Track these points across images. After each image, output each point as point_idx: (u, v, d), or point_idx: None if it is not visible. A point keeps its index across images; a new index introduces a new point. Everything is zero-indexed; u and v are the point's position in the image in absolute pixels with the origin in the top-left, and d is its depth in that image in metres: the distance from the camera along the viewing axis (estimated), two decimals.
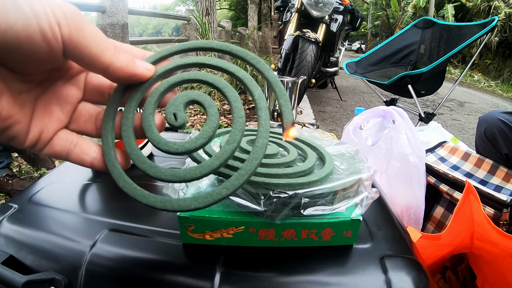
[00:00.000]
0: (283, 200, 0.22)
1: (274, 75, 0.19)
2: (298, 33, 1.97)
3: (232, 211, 0.24)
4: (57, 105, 0.19)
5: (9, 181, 1.13)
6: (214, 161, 0.18)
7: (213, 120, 0.18)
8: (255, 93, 0.19)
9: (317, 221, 0.24)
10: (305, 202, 0.23)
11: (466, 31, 2.06)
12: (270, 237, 0.25)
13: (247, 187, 0.23)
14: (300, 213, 0.24)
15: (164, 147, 0.18)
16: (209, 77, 0.20)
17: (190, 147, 0.18)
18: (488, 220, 0.49)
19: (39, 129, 0.18)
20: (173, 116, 0.19)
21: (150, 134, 0.19)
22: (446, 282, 0.61)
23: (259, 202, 0.22)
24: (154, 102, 0.19)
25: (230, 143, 0.18)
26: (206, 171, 0.18)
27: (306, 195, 0.23)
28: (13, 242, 0.27)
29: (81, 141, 0.20)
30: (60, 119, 0.19)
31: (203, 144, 0.18)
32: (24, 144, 0.18)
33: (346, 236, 0.25)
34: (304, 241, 0.25)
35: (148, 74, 0.19)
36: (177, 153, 0.18)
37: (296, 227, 0.24)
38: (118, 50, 0.18)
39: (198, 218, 0.24)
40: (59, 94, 0.19)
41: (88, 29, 0.16)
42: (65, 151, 0.19)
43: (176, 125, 0.19)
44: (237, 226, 0.24)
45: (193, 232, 0.24)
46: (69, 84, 0.20)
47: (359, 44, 15.40)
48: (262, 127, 0.18)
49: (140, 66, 0.19)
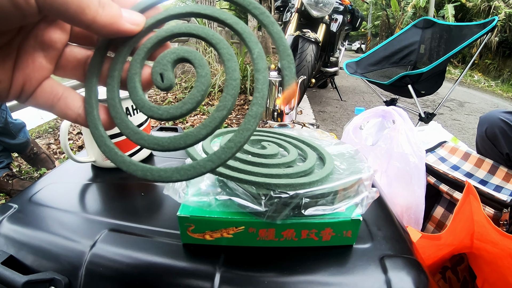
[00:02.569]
0: (284, 201, 0.22)
1: (279, 30, 0.17)
2: (298, 33, 1.97)
3: (232, 211, 0.24)
4: (40, 51, 0.17)
5: (9, 181, 1.13)
6: (201, 130, 0.16)
7: (202, 82, 0.16)
8: (254, 51, 0.16)
9: (317, 221, 0.24)
10: (306, 202, 0.23)
11: (466, 31, 2.06)
12: (270, 237, 0.25)
13: (248, 187, 0.23)
14: (300, 213, 0.24)
15: (148, 112, 0.17)
16: (200, 30, 0.17)
17: (175, 113, 0.16)
18: (488, 220, 0.49)
19: (22, 81, 0.17)
20: (159, 77, 0.17)
21: (134, 96, 0.17)
22: (446, 282, 0.61)
23: (260, 203, 0.22)
24: (140, 60, 0.18)
25: (219, 110, 0.16)
26: (191, 141, 0.16)
27: (306, 195, 0.23)
28: (13, 242, 0.27)
29: (66, 93, 0.18)
30: (45, 67, 0.17)
31: (190, 110, 0.16)
32: (6, 99, 0.16)
33: (346, 236, 0.25)
34: (304, 241, 0.25)
35: (136, 30, 0.17)
36: (161, 118, 0.16)
37: (296, 227, 0.24)
38: (102, 3, 0.15)
39: (198, 218, 0.24)
40: (42, 39, 0.17)
41: None
42: (49, 104, 0.18)
43: (162, 87, 0.17)
44: (237, 226, 0.24)
45: (193, 232, 0.24)
46: (53, 26, 0.17)
47: (359, 44, 15.40)
48: (258, 93, 0.16)
49: (127, 21, 0.17)
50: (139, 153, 0.42)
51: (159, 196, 0.34)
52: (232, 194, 0.24)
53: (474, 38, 1.77)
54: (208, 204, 0.24)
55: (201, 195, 0.24)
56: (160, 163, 0.43)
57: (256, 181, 0.22)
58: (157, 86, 0.17)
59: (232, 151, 0.15)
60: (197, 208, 0.24)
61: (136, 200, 0.33)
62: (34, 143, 1.31)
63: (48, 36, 0.17)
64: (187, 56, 0.17)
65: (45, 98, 0.18)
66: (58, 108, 0.18)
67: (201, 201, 0.24)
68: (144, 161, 0.43)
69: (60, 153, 1.51)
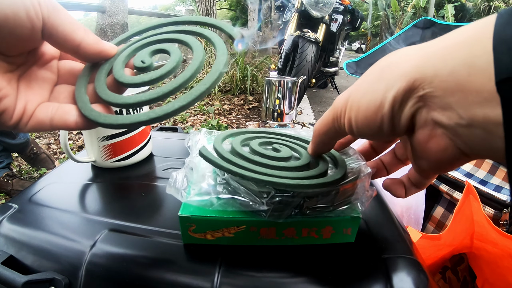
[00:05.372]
0: (285, 200, 0.22)
1: (219, 40, 0.22)
2: (298, 33, 1.97)
3: (233, 211, 0.24)
4: (36, 84, 0.21)
5: (9, 181, 1.13)
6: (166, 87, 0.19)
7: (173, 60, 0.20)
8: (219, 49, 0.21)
9: (318, 219, 0.24)
10: (307, 201, 0.23)
11: None
12: (271, 236, 0.25)
13: (251, 185, 0.23)
14: (302, 212, 0.24)
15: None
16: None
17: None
18: (488, 220, 0.49)
19: (24, 103, 0.20)
20: (140, 62, 0.21)
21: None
22: (446, 282, 0.61)
23: (262, 202, 0.22)
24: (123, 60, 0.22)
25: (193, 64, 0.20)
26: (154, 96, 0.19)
27: (308, 194, 0.23)
28: (13, 242, 0.27)
29: (62, 105, 0.21)
30: (42, 95, 0.21)
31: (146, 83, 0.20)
32: (11, 119, 0.19)
33: (346, 234, 0.25)
34: (304, 239, 0.25)
35: (113, 51, 0.22)
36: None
37: (297, 225, 0.24)
38: (87, 31, 0.20)
39: (199, 218, 0.24)
40: (36, 76, 0.21)
41: (63, 11, 0.19)
42: (48, 117, 0.20)
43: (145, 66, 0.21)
44: (238, 226, 0.24)
45: (195, 232, 0.24)
46: (44, 69, 0.22)
47: (359, 44, 15.39)
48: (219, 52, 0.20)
49: (106, 44, 0.21)
50: (139, 153, 0.42)
51: (159, 196, 0.34)
52: (234, 193, 0.24)
53: None
54: (211, 203, 0.24)
55: (203, 194, 0.24)
56: (160, 163, 0.43)
57: (276, 182, 0.22)
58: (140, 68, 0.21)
59: (218, 73, 0.19)
60: (198, 208, 0.24)
61: (136, 200, 0.33)
62: (34, 143, 1.31)
63: (41, 75, 0.21)
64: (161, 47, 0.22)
65: (44, 112, 0.20)
66: (58, 117, 0.20)
67: (203, 200, 0.24)
68: (144, 161, 0.43)
69: (60, 153, 1.51)
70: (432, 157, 0.16)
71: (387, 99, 0.16)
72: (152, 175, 0.39)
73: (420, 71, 0.15)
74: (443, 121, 0.14)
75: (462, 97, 0.13)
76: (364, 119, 0.17)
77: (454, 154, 0.15)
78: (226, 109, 2.24)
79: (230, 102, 2.43)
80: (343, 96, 0.19)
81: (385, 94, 0.16)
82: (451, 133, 0.14)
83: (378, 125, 0.17)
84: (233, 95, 2.53)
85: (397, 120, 0.16)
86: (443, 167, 0.17)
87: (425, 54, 0.15)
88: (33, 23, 0.17)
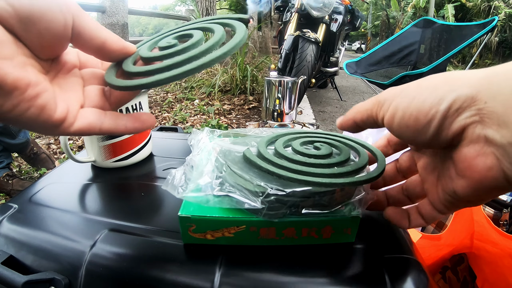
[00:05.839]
0: (280, 198, 0.22)
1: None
2: (298, 33, 1.97)
3: (233, 210, 0.24)
4: (68, 87, 0.22)
5: (9, 181, 1.13)
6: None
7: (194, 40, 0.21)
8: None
9: (317, 219, 0.24)
10: (303, 201, 0.23)
11: (466, 31, 2.06)
12: (271, 236, 0.25)
13: (247, 184, 0.23)
14: (298, 212, 0.24)
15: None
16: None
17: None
18: (488, 220, 0.49)
19: (65, 101, 0.20)
20: (166, 43, 0.22)
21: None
22: (446, 282, 0.61)
23: (257, 200, 0.22)
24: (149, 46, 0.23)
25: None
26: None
27: (303, 194, 0.22)
28: (13, 242, 0.27)
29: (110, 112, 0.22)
30: (77, 96, 0.22)
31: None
32: (55, 114, 0.19)
33: (346, 234, 0.25)
34: (304, 239, 0.25)
35: (133, 49, 0.23)
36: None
37: (296, 225, 0.24)
38: (108, 30, 0.21)
39: (199, 218, 0.24)
40: (66, 81, 0.22)
41: (85, 12, 0.20)
42: (100, 122, 0.21)
43: (171, 43, 0.22)
44: (238, 225, 0.24)
45: (194, 232, 0.24)
46: (69, 75, 0.22)
47: (359, 44, 15.40)
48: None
49: (127, 42, 0.23)
50: (139, 153, 0.42)
51: (159, 196, 0.34)
52: (230, 191, 0.24)
53: (474, 38, 1.77)
54: (206, 200, 0.24)
55: (200, 191, 0.24)
56: (160, 163, 0.43)
57: (322, 182, 0.21)
58: (166, 47, 0.22)
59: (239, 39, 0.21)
60: (198, 208, 0.24)
61: (136, 200, 0.33)
62: (34, 143, 1.31)
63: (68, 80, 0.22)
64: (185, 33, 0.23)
65: (91, 117, 0.21)
66: (109, 122, 0.22)
67: (199, 196, 0.24)
68: (144, 161, 0.43)
69: (60, 153, 1.51)
70: (475, 175, 0.16)
71: (446, 99, 0.16)
72: (152, 175, 0.39)
73: (485, 84, 0.15)
74: (496, 139, 0.14)
75: None
76: (413, 114, 0.17)
77: (497, 177, 0.15)
78: (226, 109, 2.24)
79: (230, 102, 2.43)
80: (394, 88, 0.19)
81: (446, 95, 0.16)
82: (501, 153, 0.14)
83: (425, 124, 0.17)
84: (233, 95, 2.53)
85: (447, 126, 0.16)
86: (482, 191, 0.16)
87: (491, 72, 0.15)
88: (66, 19, 0.18)
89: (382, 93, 0.20)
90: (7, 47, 0.17)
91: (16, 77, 0.17)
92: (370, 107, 0.21)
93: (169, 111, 2.20)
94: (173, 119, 1.99)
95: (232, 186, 0.24)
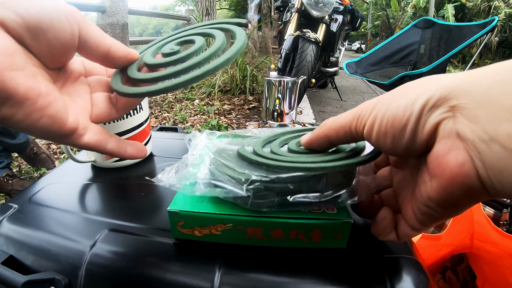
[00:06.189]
0: (265, 185, 0.21)
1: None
2: (298, 33, 1.97)
3: (221, 207, 0.24)
4: (76, 96, 0.22)
5: (9, 181, 1.13)
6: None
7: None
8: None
9: (305, 222, 0.23)
10: (291, 188, 0.22)
11: (466, 31, 2.06)
12: (258, 236, 0.24)
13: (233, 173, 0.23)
14: (287, 201, 0.22)
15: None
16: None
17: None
18: (488, 220, 0.49)
19: (75, 112, 0.21)
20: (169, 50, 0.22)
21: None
22: (446, 282, 0.61)
23: (242, 187, 0.22)
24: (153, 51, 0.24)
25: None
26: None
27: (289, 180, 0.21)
28: (13, 242, 0.27)
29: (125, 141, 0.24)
30: (86, 106, 0.22)
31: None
32: (66, 124, 0.20)
33: (336, 239, 0.24)
34: (293, 241, 0.24)
35: (137, 55, 0.23)
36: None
37: (284, 226, 0.24)
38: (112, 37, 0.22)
39: (187, 213, 0.24)
40: (74, 89, 0.22)
41: (91, 23, 0.20)
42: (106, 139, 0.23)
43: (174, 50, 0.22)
44: (225, 223, 0.24)
45: (183, 227, 0.25)
46: (76, 83, 0.23)
47: (359, 44, 15.40)
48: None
49: (130, 48, 0.23)
50: None
51: (159, 196, 0.34)
52: (217, 180, 0.24)
53: (474, 38, 1.77)
54: (193, 190, 0.24)
55: (188, 181, 0.24)
56: (160, 163, 0.43)
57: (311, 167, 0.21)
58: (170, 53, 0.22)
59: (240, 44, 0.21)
60: (187, 203, 0.24)
61: (136, 200, 0.33)
62: (34, 143, 1.31)
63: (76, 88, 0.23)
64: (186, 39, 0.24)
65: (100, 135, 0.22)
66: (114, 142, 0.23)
67: (186, 185, 0.24)
68: (144, 160, 0.43)
69: (60, 153, 1.51)
70: (447, 172, 0.15)
71: (419, 100, 0.16)
72: (152, 175, 0.39)
73: (458, 85, 0.15)
74: (466, 134, 0.14)
75: (491, 112, 0.14)
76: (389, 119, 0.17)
77: (470, 174, 0.14)
78: (226, 109, 2.24)
79: (230, 102, 2.43)
80: (372, 100, 0.19)
81: (419, 97, 0.16)
82: (471, 148, 0.14)
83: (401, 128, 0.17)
84: (233, 95, 2.53)
85: (421, 126, 0.16)
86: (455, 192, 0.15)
87: (465, 74, 0.16)
88: (72, 28, 0.19)
89: (358, 107, 0.20)
90: (19, 58, 0.17)
91: (27, 88, 0.17)
92: (348, 122, 0.20)
93: (169, 111, 2.20)
94: (173, 119, 1.99)
95: (219, 176, 0.24)
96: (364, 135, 0.19)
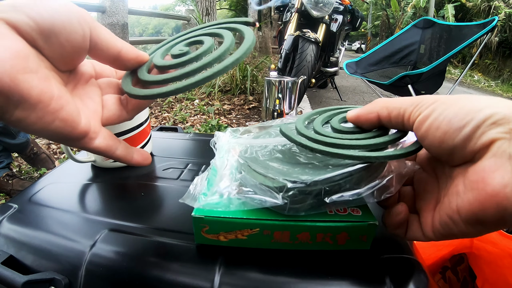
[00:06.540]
0: (301, 190, 0.21)
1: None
2: (298, 33, 1.97)
3: (248, 211, 0.24)
4: (87, 99, 0.22)
5: (9, 181, 1.13)
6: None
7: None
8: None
9: (333, 225, 0.23)
10: (327, 190, 0.22)
11: (466, 31, 2.06)
12: (285, 240, 0.24)
13: (267, 181, 0.22)
14: (324, 202, 0.22)
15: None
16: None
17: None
18: None
19: (87, 118, 0.21)
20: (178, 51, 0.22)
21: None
22: (446, 282, 0.61)
23: (278, 196, 0.22)
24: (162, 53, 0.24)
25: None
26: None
27: (326, 182, 0.21)
28: (13, 242, 0.27)
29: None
30: (96, 109, 0.22)
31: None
32: (78, 127, 0.20)
33: (362, 241, 0.25)
34: (319, 244, 0.24)
35: (146, 57, 0.23)
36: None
37: (311, 230, 0.24)
38: (122, 40, 0.22)
39: (212, 219, 0.23)
40: (85, 92, 0.22)
41: (102, 26, 0.21)
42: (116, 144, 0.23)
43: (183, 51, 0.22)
44: (252, 228, 0.23)
45: (207, 233, 0.24)
46: (87, 86, 0.23)
47: (359, 44, 15.39)
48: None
49: (141, 51, 0.23)
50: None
51: (159, 196, 0.34)
52: (250, 191, 0.24)
53: (474, 38, 1.77)
54: (228, 204, 0.24)
55: (220, 196, 0.24)
56: (160, 163, 0.43)
57: (357, 155, 0.20)
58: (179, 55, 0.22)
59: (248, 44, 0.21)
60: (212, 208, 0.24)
61: (136, 200, 0.33)
62: (34, 143, 1.31)
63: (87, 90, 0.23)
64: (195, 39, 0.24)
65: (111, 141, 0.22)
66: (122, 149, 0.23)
67: (220, 202, 0.24)
68: None
69: (60, 153, 1.51)
70: (488, 189, 0.16)
71: (484, 111, 0.16)
72: (152, 175, 0.39)
73: None
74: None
75: None
76: (448, 116, 0.17)
77: (510, 199, 0.15)
78: (226, 109, 2.24)
79: (230, 102, 2.43)
80: (432, 95, 0.19)
81: (486, 107, 0.16)
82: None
83: (456, 128, 0.17)
84: (233, 95, 2.53)
85: (478, 136, 0.16)
86: (488, 210, 0.16)
87: None
88: (84, 30, 0.19)
89: (417, 97, 0.20)
90: (31, 61, 0.17)
91: (40, 90, 0.17)
92: (404, 106, 0.20)
93: (169, 111, 2.20)
94: (173, 119, 1.99)
95: (252, 186, 0.24)
96: (416, 122, 0.19)
